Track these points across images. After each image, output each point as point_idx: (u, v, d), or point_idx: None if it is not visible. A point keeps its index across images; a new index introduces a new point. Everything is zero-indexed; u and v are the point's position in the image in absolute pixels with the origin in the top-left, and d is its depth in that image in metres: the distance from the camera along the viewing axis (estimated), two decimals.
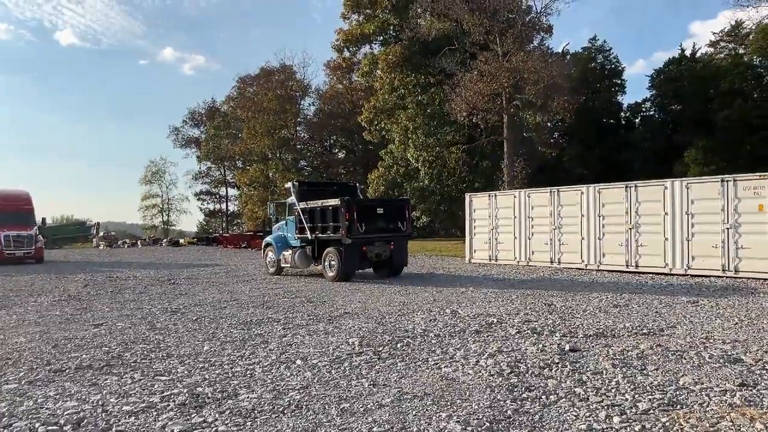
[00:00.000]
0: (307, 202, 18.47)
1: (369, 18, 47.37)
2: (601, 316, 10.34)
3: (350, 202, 17.08)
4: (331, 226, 17.42)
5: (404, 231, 18.07)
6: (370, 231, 17.12)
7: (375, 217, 17.45)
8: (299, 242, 18.95)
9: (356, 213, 16.83)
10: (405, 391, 5.82)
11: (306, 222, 18.28)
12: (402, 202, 20.65)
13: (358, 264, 17.61)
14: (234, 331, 9.36)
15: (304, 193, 19.39)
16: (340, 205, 16.93)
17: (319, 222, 17.92)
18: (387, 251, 17.84)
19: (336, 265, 17.27)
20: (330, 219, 17.45)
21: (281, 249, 19.78)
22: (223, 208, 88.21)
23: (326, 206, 17.64)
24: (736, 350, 7.37)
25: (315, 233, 18.05)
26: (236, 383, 6.21)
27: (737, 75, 42.08)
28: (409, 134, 42.27)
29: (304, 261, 18.76)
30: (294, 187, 19.34)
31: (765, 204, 16.02)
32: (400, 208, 18.50)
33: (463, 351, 7.56)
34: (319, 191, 19.97)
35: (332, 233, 17.38)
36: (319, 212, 17.92)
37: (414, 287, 15.55)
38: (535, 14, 37.35)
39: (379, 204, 19.42)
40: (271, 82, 62.77)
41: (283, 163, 64.04)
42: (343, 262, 17.06)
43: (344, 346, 7.98)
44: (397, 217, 17.97)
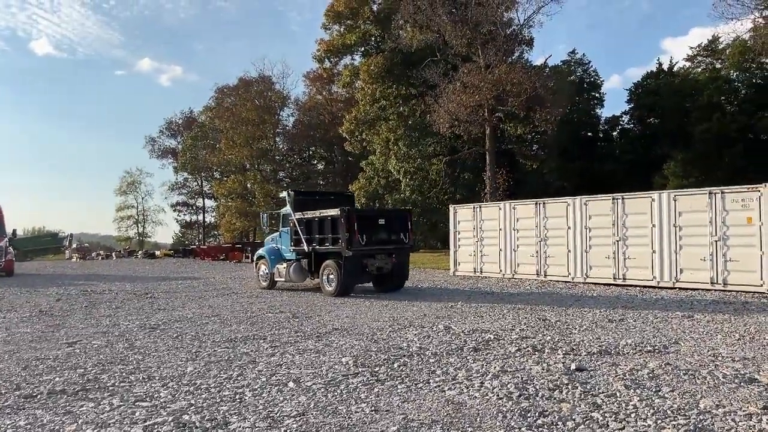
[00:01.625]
0: (304, 213, 17.52)
1: (350, 29, 47.13)
2: (599, 331, 10.03)
3: (350, 212, 16.23)
4: (330, 237, 16.49)
5: (406, 243, 17.21)
6: (371, 243, 16.21)
7: (376, 229, 16.56)
8: (294, 255, 18.02)
9: (357, 224, 15.89)
10: (410, 417, 5.38)
11: (302, 233, 17.34)
12: (404, 212, 19.50)
13: (359, 278, 16.67)
14: (218, 349, 8.84)
15: (300, 202, 18.33)
16: (340, 215, 16.02)
17: (317, 233, 16.96)
18: (389, 264, 16.87)
19: (335, 279, 16.32)
20: (328, 230, 16.54)
21: (275, 262, 18.83)
22: (200, 219, 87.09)
23: (324, 217, 16.71)
24: (748, 369, 7.07)
25: (312, 245, 17.11)
26: (225, 410, 5.72)
27: (714, 89, 42.64)
28: (391, 145, 42.01)
29: (299, 275, 17.80)
30: (289, 196, 18.34)
31: (753, 216, 15.94)
32: (402, 219, 17.59)
33: (465, 371, 7.15)
34: (315, 201, 18.99)
35: (331, 245, 16.46)
36: (317, 223, 16.96)
37: (401, 301, 15.13)
38: (517, 26, 37.46)
39: (381, 215, 18.46)
40: (250, 93, 62.22)
41: (261, 174, 63.37)
42: (343, 276, 16.07)
43: (338, 366, 7.52)
44: (399, 228, 17.07)
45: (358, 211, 17.62)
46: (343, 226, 15.84)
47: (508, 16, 37.42)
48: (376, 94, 42.55)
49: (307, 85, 67.81)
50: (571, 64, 50.10)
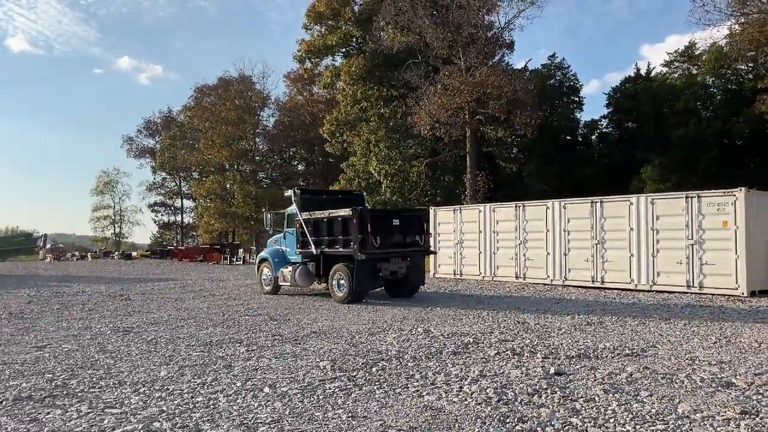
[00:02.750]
0: (311, 213, 16.39)
1: (331, 29, 46.93)
2: (577, 334, 10.03)
3: (364, 212, 15.21)
4: (341, 239, 15.34)
5: (422, 245, 16.14)
6: (385, 245, 15.06)
7: (390, 230, 15.40)
8: (300, 258, 16.88)
9: (370, 225, 14.74)
10: (388, 423, 5.29)
11: (309, 235, 16.18)
12: (419, 212, 18.03)
13: (372, 283, 15.50)
14: (193, 353, 8.66)
15: (307, 202, 17.13)
16: (352, 215, 14.85)
17: (326, 235, 15.80)
18: (403, 268, 15.78)
19: (346, 285, 15.14)
20: (339, 231, 15.41)
21: (279, 265, 17.65)
22: (178, 220, 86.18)
23: (334, 217, 15.56)
24: (725, 373, 7.09)
25: (320, 248, 15.95)
26: (198, 416, 5.57)
27: (691, 94, 43.18)
28: (372, 147, 41.90)
29: (306, 279, 16.64)
30: (295, 195, 17.10)
31: (729, 220, 16.11)
32: (417, 220, 16.39)
33: (444, 375, 7.08)
34: (322, 200, 17.87)
35: (342, 248, 15.33)
36: (326, 224, 15.79)
37: (381, 304, 15.04)
38: (498, 30, 37.61)
39: (395, 215, 17.04)
40: (230, 92, 61.68)
41: (241, 174, 62.86)
42: (356, 281, 14.85)
43: (315, 370, 7.40)
44: (414, 229, 15.96)
45: (372, 211, 16.41)
46: (355, 227, 14.71)
47: (488, 20, 37.63)
48: (357, 95, 42.43)
49: (287, 85, 67.47)
50: (550, 68, 50.41)
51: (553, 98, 48.52)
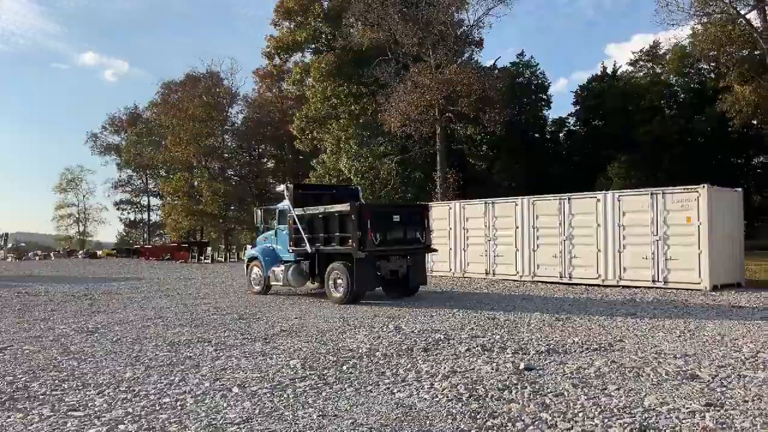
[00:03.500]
0: (305, 208, 15.58)
1: (300, 25, 46.59)
2: (547, 330, 10.12)
3: (363, 207, 14.52)
4: (338, 236, 14.62)
5: (424, 243, 15.35)
6: (385, 243, 14.34)
7: (391, 226, 14.65)
8: (293, 256, 16.08)
9: (370, 221, 14.04)
10: (359, 422, 5.25)
11: (304, 232, 15.39)
12: (420, 207, 17.00)
13: (371, 283, 14.73)
14: (160, 353, 8.50)
15: (300, 197, 16.33)
16: (350, 211, 14.16)
17: (322, 232, 15.09)
18: (404, 267, 15.10)
19: (344, 285, 14.36)
20: (336, 228, 14.66)
21: (270, 264, 16.80)
22: (145, 218, 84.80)
23: (331, 213, 14.84)
24: (690, 366, 7.22)
25: (315, 245, 15.23)
26: (165, 418, 5.46)
27: (655, 93, 44.07)
28: (342, 144, 41.75)
29: (299, 278, 15.84)
30: (288, 190, 16.22)
31: (692, 216, 16.46)
32: (418, 215, 15.62)
33: (415, 372, 7.07)
34: (316, 195, 17.04)
35: (339, 245, 14.62)
36: (322, 220, 15.09)
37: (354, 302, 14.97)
38: (467, 27, 37.77)
39: (396, 210, 16.30)
40: (197, 89, 60.78)
41: (209, 171, 62.07)
42: (355, 280, 14.08)
43: (285, 369, 7.33)
44: (415, 225, 15.17)
45: (372, 206, 15.50)
46: (354, 223, 14.00)
47: (458, 17, 37.77)
48: (327, 92, 42.21)
49: (256, 81, 66.80)
50: (519, 66, 50.85)
51: (521, 96, 48.96)
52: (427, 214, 15.89)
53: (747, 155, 45.46)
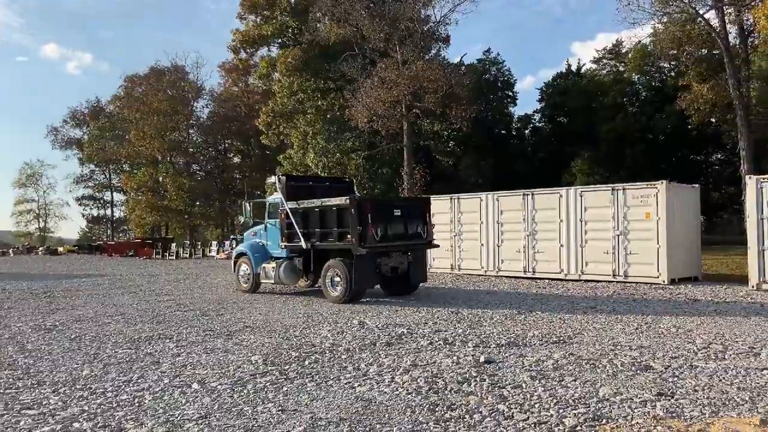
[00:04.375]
0: (298, 201, 14.81)
1: (267, 19, 46.17)
2: (508, 323, 10.27)
3: (363, 201, 13.86)
4: (335, 232, 13.87)
5: (425, 238, 14.67)
6: (386, 238, 13.67)
7: (391, 221, 13.95)
8: (286, 252, 15.34)
9: (371, 215, 13.38)
10: (318, 416, 5.27)
11: (298, 226, 14.56)
12: (421, 201, 16.15)
13: (371, 280, 14.06)
14: (119, 350, 8.38)
15: (292, 189, 15.45)
16: (350, 204, 13.46)
17: (318, 227, 14.28)
18: (404, 263, 14.46)
19: (342, 283, 13.59)
20: (333, 223, 13.90)
21: (260, 260, 15.94)
22: (108, 214, 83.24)
23: (328, 206, 14.06)
24: (644, 357, 7.41)
25: (311, 241, 14.44)
26: (122, 415, 5.39)
27: (618, 90, 44.86)
28: (309, 139, 41.55)
29: (292, 276, 15.18)
30: (280, 182, 15.45)
31: (651, 212, 16.83)
32: (419, 209, 14.93)
33: (376, 366, 7.11)
34: (309, 188, 16.21)
35: (337, 241, 13.86)
36: (318, 214, 14.26)
37: (317, 297, 14.96)
38: (434, 24, 37.90)
39: (397, 204, 15.46)
40: (162, 83, 59.92)
41: (174, 166, 61.21)
42: (355, 278, 13.33)
43: (246, 365, 7.30)
44: (416, 220, 14.49)
45: (372, 199, 14.64)
46: (354, 217, 13.26)
47: (425, 13, 37.85)
48: (294, 86, 41.94)
49: (222, 76, 66.09)
50: (485, 63, 51.22)
51: (488, 93, 49.33)
52: (429, 208, 15.21)
53: (706, 152, 46.64)
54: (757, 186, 14.94)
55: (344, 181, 18.01)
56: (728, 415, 5.12)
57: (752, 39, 32.84)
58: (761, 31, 25.99)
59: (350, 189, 16.81)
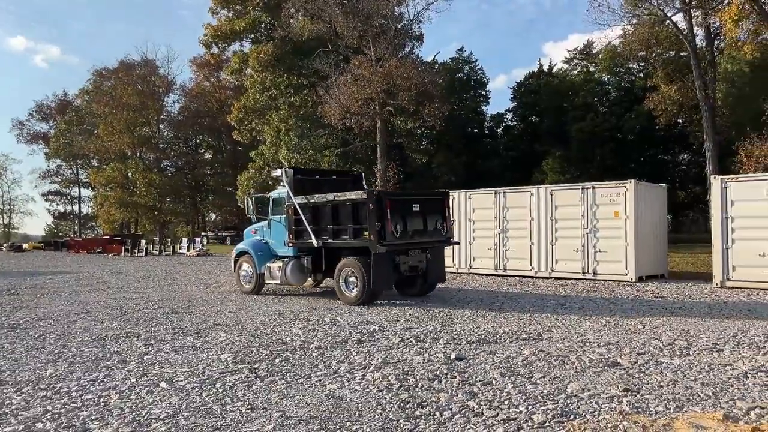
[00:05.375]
0: (308, 196, 13.82)
1: (239, 14, 45.68)
2: (479, 320, 10.34)
3: (382, 195, 12.78)
4: (350, 228, 12.92)
5: (445, 235, 13.78)
6: (405, 235, 12.78)
7: (410, 217, 13.04)
8: (293, 250, 14.41)
9: (390, 210, 12.44)
10: (288, 414, 5.23)
11: (308, 223, 13.60)
12: (441, 195, 14.82)
13: (390, 280, 13.04)
14: (85, 349, 8.22)
15: (300, 183, 14.57)
16: (367, 199, 12.50)
17: (330, 223, 13.36)
18: (423, 262, 13.53)
19: (358, 283, 12.66)
20: (348, 219, 13.00)
21: (264, 260, 14.92)
22: (75, 210, 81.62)
23: (342, 201, 13.18)
24: (612, 353, 7.53)
25: (322, 238, 13.51)
26: (86, 415, 5.29)
27: (588, 91, 45.47)
28: (282, 136, 41.26)
29: (300, 275, 14.33)
30: (287, 176, 14.46)
31: (620, 210, 17.10)
32: (438, 204, 13.94)
33: (347, 364, 7.10)
34: (317, 182, 15.32)
35: (352, 238, 12.93)
36: (330, 210, 13.39)
37: (288, 295, 14.88)
38: (408, 21, 37.94)
39: (416, 198, 14.21)
40: (132, 77, 58.88)
41: (143, 162, 60.28)
42: (374, 278, 12.39)
43: (216, 363, 7.22)
44: (436, 216, 13.59)
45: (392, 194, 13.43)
46: (372, 213, 12.32)
47: (399, 11, 37.83)
48: (266, 82, 41.58)
49: (194, 71, 65.24)
50: (459, 61, 51.47)
51: (461, 92, 49.61)
52: (448, 203, 14.27)
53: (673, 152, 47.53)
54: (721, 186, 15.28)
55: (351, 174, 17.05)
56: (692, 411, 5.23)
57: (718, 42, 33.55)
58: (727, 34, 26.53)
59: (359, 182, 15.95)
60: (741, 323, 9.80)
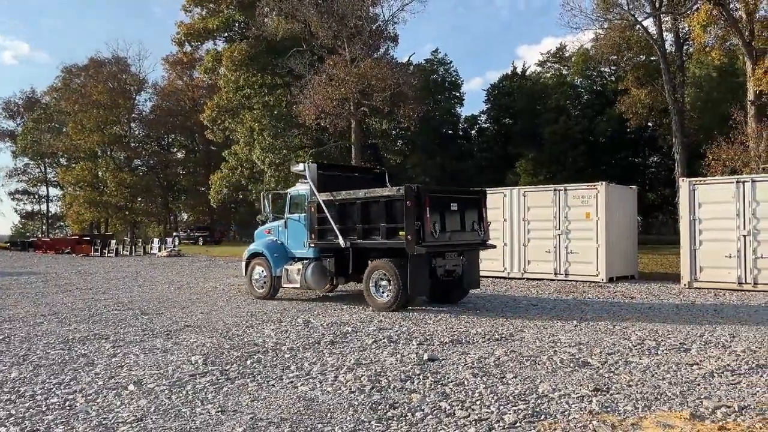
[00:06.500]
0: (333, 193, 12.85)
1: (213, 12, 45.26)
2: (452, 321, 10.38)
3: (421, 190, 11.54)
4: (383, 228, 11.90)
5: (482, 237, 12.76)
6: (443, 236, 11.84)
7: (448, 216, 12.16)
8: (313, 252, 13.36)
9: (429, 209, 11.48)
10: (259, 416, 5.18)
11: (334, 221, 12.62)
12: (478, 194, 13.40)
13: (426, 284, 11.98)
14: (51, 351, 8.04)
15: (324, 180, 13.48)
16: (405, 195, 11.43)
17: (359, 222, 12.34)
18: (459, 266, 12.49)
19: (392, 287, 11.70)
20: (381, 217, 11.98)
21: (280, 262, 13.82)
22: (43, 209, 79.95)
23: (374, 198, 12.19)
24: (582, 353, 7.61)
25: (350, 238, 12.50)
26: (51, 419, 5.17)
27: (561, 93, 46.01)
28: (255, 135, 40.95)
29: (321, 279, 13.22)
30: (310, 170, 13.42)
31: (591, 212, 17.32)
32: (475, 203, 12.85)
33: (320, 365, 7.06)
34: (342, 178, 14.14)
35: (385, 239, 11.92)
36: (359, 207, 12.39)
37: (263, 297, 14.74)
38: (383, 22, 37.95)
39: (454, 196, 12.97)
40: (102, 74, 57.89)
41: (114, 161, 59.31)
42: (410, 282, 11.44)
43: (186, 365, 7.12)
44: (473, 215, 12.62)
45: (431, 189, 12.36)
46: (410, 211, 11.33)
47: (374, 12, 37.81)
48: (240, 81, 41.22)
49: (166, 69, 64.37)
50: (433, 63, 51.64)
51: (435, 93, 49.77)
52: (485, 203, 13.11)
53: (643, 155, 48.33)
54: (689, 188, 15.58)
55: (374, 172, 15.85)
56: (660, 410, 5.31)
57: (687, 47, 34.26)
58: (695, 39, 27.08)
59: (381, 180, 14.95)
60: (708, 323, 9.99)
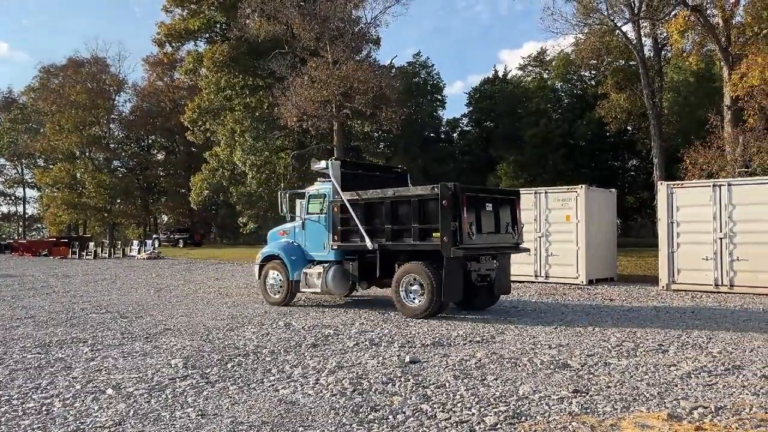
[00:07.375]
0: (359, 192, 12.18)
1: (194, 13, 45.01)
2: (434, 323, 10.40)
3: (458, 189, 10.84)
4: (416, 229, 11.26)
5: (516, 240, 12.27)
6: (479, 238, 11.22)
7: (483, 216, 11.44)
8: (334, 254, 12.59)
9: (465, 208, 10.85)
10: (239, 420, 5.15)
11: (360, 222, 11.97)
12: (513, 194, 12.91)
13: (461, 289, 11.11)
14: (28, 355, 7.92)
15: (348, 178, 12.80)
16: (441, 195, 10.82)
17: (388, 222, 11.69)
18: (493, 270, 11.88)
19: (424, 292, 11.03)
20: (413, 218, 11.30)
21: (298, 265, 12.96)
22: (20, 211, 78.83)
23: (405, 197, 11.54)
24: (563, 355, 7.67)
25: (378, 240, 11.85)
26: (28, 424, 5.09)
27: (542, 97, 46.46)
28: (237, 137, 40.80)
29: (342, 283, 12.62)
30: (333, 168, 12.70)
31: (571, 215, 17.48)
32: (510, 204, 12.27)
33: (301, 368, 7.03)
34: (365, 177, 13.42)
35: (418, 240, 11.27)
36: (389, 207, 11.73)
37: (242, 299, 14.67)
38: (364, 25, 37.99)
39: (489, 196, 12.14)
40: (81, 74, 57.25)
41: (93, 162, 58.64)
42: (444, 287, 10.75)
43: (165, 369, 7.05)
44: (507, 217, 12.07)
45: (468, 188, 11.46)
46: (447, 211, 10.73)
47: (356, 14, 37.84)
48: (221, 83, 41.07)
49: (146, 69, 63.85)
50: (415, 66, 51.82)
51: (417, 96, 49.96)
52: (519, 205, 12.62)
53: (622, 158, 48.93)
54: (667, 191, 15.79)
55: (395, 171, 15.25)
56: (638, 410, 5.37)
57: (665, 52, 34.75)
58: (673, 44, 27.48)
59: (403, 179, 14.40)
60: (685, 325, 10.13)
